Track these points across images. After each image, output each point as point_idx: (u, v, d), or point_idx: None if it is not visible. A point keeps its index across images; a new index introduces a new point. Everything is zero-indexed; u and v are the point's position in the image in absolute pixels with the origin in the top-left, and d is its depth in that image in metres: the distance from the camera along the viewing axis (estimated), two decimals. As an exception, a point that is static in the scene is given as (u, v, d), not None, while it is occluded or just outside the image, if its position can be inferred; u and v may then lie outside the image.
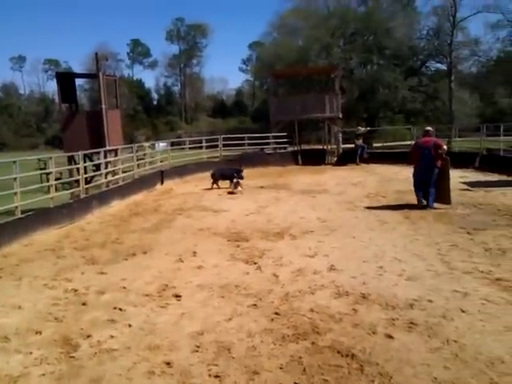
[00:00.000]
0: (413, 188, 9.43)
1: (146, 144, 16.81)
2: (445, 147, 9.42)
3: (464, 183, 12.06)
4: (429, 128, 9.88)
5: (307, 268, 5.51)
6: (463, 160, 15.88)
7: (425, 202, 9.09)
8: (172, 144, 18.51)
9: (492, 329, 3.73)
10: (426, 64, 39.43)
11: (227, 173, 12.73)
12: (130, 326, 4.14)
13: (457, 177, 13.37)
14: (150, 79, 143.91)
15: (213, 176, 13.00)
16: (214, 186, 12.93)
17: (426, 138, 9.41)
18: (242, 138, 19.50)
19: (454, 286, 4.70)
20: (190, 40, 66.66)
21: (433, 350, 3.44)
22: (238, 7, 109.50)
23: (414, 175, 9.42)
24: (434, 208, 8.90)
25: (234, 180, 12.20)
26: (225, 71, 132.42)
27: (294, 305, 4.45)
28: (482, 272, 5.12)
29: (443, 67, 37.07)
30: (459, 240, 6.51)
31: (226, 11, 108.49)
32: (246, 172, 12.80)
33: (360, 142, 18.88)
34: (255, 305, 4.50)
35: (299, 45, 38.39)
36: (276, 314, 4.26)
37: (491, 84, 36.16)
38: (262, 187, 12.84)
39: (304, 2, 41.92)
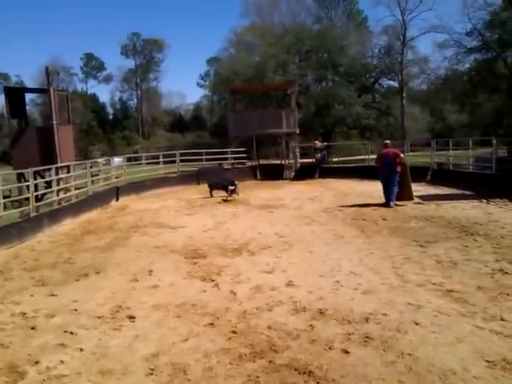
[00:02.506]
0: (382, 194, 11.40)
1: (101, 160, 16.42)
2: (402, 155, 11.35)
3: (417, 197, 12.42)
4: (387, 141, 12.06)
5: (265, 284, 5.49)
6: (416, 174, 16.37)
7: (392, 205, 10.91)
8: (129, 159, 18.15)
9: (444, 341, 3.82)
10: (379, 81, 40.72)
11: (223, 183, 13.97)
12: (81, 350, 3.98)
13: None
14: (105, 94, 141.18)
15: (210, 186, 14.32)
16: (213, 193, 14.05)
17: (387, 149, 11.50)
18: (200, 153, 19.42)
19: (407, 299, 4.80)
20: (146, 55, 66.22)
21: (388, 364, 3.48)
22: (195, 22, 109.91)
23: (381, 181, 11.54)
24: (396, 205, 10.89)
25: (231, 187, 13.38)
26: (183, 86, 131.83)
27: (251, 322, 4.40)
28: (434, 284, 5.26)
29: (395, 84, 38.52)
30: (412, 253, 6.69)
31: (183, 26, 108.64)
32: (204, 187, 12.87)
33: (319, 155, 19.23)
34: (212, 324, 4.42)
35: (256, 61, 38.78)
36: (233, 332, 4.21)
37: (440, 100, 37.76)
38: (219, 203, 12.78)
39: (260, 19, 42.68)
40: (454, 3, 45.84)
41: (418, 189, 14.14)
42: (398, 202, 11.11)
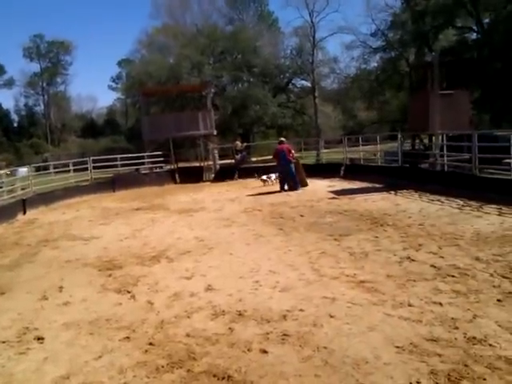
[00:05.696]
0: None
1: (3, 171, 15.22)
2: (293, 151, 14.26)
3: (331, 192, 12.93)
4: (282, 138, 15.22)
5: (184, 291, 5.37)
6: (330, 170, 17.13)
7: (286, 188, 13.83)
8: (37, 169, 17.05)
9: (357, 331, 3.95)
10: (292, 81, 41.92)
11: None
12: (-20, 382, 3.62)
13: (325, 186, 14.39)
14: (8, 99, 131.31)
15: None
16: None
17: (281, 145, 14.22)
18: (115, 159, 18.72)
19: (323, 293, 4.93)
20: (52, 57, 62.48)
21: (304, 359, 3.54)
22: (104, 23, 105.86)
23: (278, 172, 14.50)
24: (300, 189, 13.62)
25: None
26: (94, 89, 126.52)
27: (169, 332, 4.28)
28: (347, 276, 5.45)
29: (308, 84, 39.72)
30: (328, 247, 6.90)
31: (90, 27, 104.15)
32: (120, 194, 12.44)
33: (239, 156, 19.35)
34: (128, 337, 4.24)
35: (170, 62, 38.23)
36: (150, 344, 4.06)
37: (350, 99, 39.62)
38: (137, 209, 12.39)
39: (171, 20, 42.05)
40: (359, 5, 48.62)
41: (333, 184, 14.76)
42: (298, 191, 13.62)
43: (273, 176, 15.66)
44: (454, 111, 14.52)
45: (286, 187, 13.92)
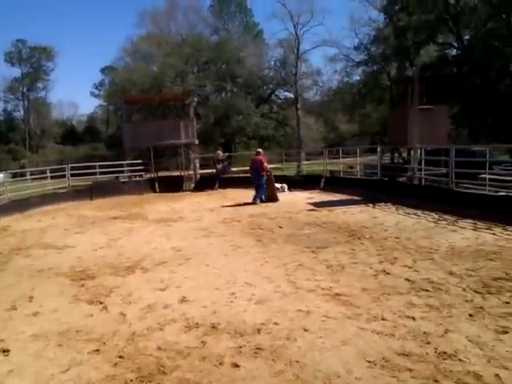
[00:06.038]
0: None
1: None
2: (265, 164, 14.03)
3: (311, 204, 12.97)
4: (259, 150, 15.06)
5: (158, 303, 5.29)
6: (310, 182, 17.21)
7: (258, 202, 13.59)
8: (14, 175, 16.72)
9: (330, 345, 3.94)
10: (276, 92, 42.24)
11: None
12: None
13: (305, 198, 14.44)
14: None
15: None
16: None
17: (257, 156, 14.21)
18: (94, 167, 18.50)
19: (298, 306, 4.90)
20: (33, 63, 61.70)
21: (276, 374, 3.50)
22: (88, 30, 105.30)
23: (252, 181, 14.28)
24: (261, 202, 13.62)
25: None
26: (75, 96, 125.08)
27: (140, 345, 4.19)
28: (323, 289, 5.44)
29: (291, 95, 40.08)
30: (305, 259, 6.89)
31: (73, 34, 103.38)
32: (98, 202, 12.27)
33: (220, 166, 19.33)
34: (98, 350, 4.14)
35: (154, 71, 38.15)
36: (120, 357, 3.97)
37: (332, 111, 40.07)
38: (114, 218, 12.22)
39: (156, 29, 42.05)
40: (343, 19, 49.28)
41: (313, 196, 14.83)
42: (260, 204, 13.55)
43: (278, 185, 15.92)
44: (432, 126, 14.75)
45: (262, 198, 13.95)
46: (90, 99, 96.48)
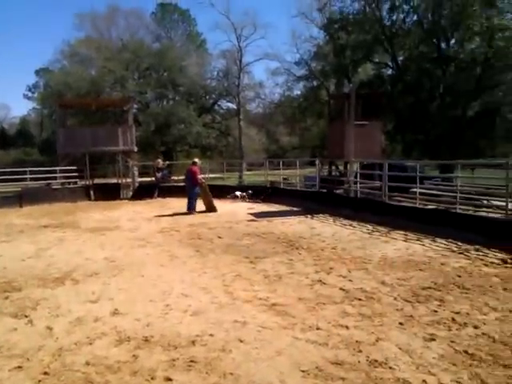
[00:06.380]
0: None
1: None
2: (197, 175, 13.76)
3: (251, 214, 13.03)
4: (195, 160, 14.61)
5: (88, 315, 5.05)
6: (252, 193, 17.29)
7: (194, 213, 13.39)
8: None
9: (265, 355, 3.92)
10: (218, 103, 42.26)
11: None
12: None
13: (245, 208, 14.48)
14: None
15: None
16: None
17: (191, 167, 14.00)
18: (24, 172, 17.53)
19: (234, 317, 4.86)
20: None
21: (210, 387, 3.43)
22: (21, 30, 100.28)
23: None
24: (194, 213, 13.39)
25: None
26: (6, 97, 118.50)
27: (67, 360, 3.97)
28: (260, 299, 5.43)
29: (233, 106, 40.25)
30: (243, 270, 6.87)
31: (5, 33, 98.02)
32: (27, 210, 11.62)
33: (159, 174, 18.97)
34: (20, 367, 3.87)
35: (92, 75, 36.95)
36: (45, 373, 3.74)
37: (274, 123, 40.70)
38: (45, 226, 11.61)
39: (96, 33, 40.85)
40: (285, 34, 50.37)
41: (253, 206, 14.90)
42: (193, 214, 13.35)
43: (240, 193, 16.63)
44: (367, 141, 15.38)
45: (193, 212, 13.66)
46: (23, 101, 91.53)
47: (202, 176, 14.63)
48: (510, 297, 5.31)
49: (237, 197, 16.47)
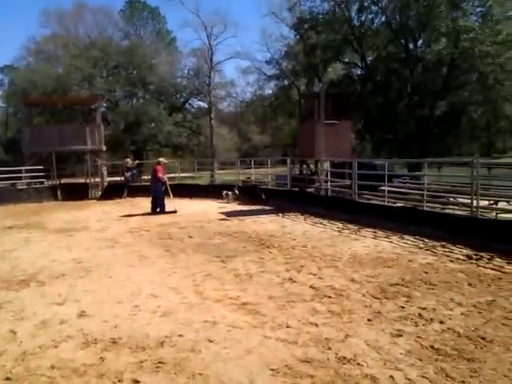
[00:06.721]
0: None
1: None
2: (159, 174, 13.51)
3: (222, 213, 12.97)
4: (160, 159, 14.46)
5: (53, 318, 4.91)
6: (223, 191, 17.20)
7: (158, 210, 13.38)
8: None
9: (235, 355, 3.90)
10: (189, 101, 41.95)
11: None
12: None
13: (217, 207, 14.41)
14: None
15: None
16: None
17: (156, 166, 13.84)
18: (-13, 172, 16.99)
19: (204, 317, 4.82)
20: None
21: (179, 388, 3.39)
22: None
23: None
24: (164, 213, 13.17)
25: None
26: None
27: (31, 364, 3.86)
28: (230, 298, 5.41)
29: (204, 105, 40.00)
30: (214, 269, 6.82)
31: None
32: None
33: (129, 174, 18.66)
34: (-19, 373, 3.73)
35: (58, 72, 36.09)
36: (7, 379, 3.62)
37: (246, 122, 40.70)
38: (10, 228, 11.28)
39: (63, 29, 39.89)
40: (255, 33, 50.35)
41: (224, 205, 14.84)
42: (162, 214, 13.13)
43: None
44: (337, 140, 15.52)
45: (157, 210, 13.50)
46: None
47: (167, 176, 14.40)
48: (474, 292, 5.45)
49: (228, 195, 15.98)
